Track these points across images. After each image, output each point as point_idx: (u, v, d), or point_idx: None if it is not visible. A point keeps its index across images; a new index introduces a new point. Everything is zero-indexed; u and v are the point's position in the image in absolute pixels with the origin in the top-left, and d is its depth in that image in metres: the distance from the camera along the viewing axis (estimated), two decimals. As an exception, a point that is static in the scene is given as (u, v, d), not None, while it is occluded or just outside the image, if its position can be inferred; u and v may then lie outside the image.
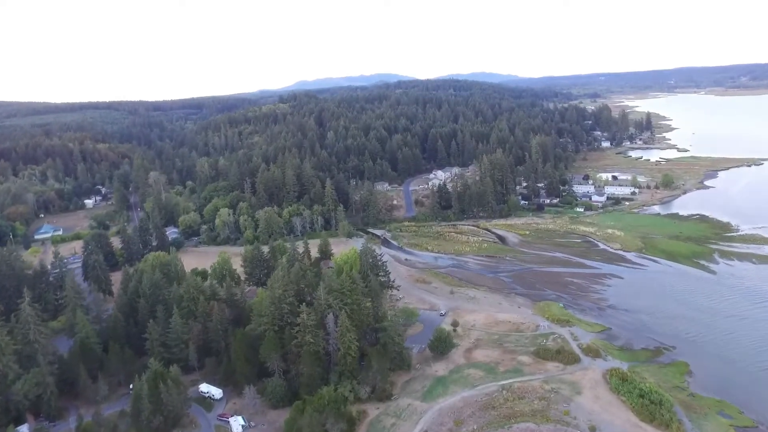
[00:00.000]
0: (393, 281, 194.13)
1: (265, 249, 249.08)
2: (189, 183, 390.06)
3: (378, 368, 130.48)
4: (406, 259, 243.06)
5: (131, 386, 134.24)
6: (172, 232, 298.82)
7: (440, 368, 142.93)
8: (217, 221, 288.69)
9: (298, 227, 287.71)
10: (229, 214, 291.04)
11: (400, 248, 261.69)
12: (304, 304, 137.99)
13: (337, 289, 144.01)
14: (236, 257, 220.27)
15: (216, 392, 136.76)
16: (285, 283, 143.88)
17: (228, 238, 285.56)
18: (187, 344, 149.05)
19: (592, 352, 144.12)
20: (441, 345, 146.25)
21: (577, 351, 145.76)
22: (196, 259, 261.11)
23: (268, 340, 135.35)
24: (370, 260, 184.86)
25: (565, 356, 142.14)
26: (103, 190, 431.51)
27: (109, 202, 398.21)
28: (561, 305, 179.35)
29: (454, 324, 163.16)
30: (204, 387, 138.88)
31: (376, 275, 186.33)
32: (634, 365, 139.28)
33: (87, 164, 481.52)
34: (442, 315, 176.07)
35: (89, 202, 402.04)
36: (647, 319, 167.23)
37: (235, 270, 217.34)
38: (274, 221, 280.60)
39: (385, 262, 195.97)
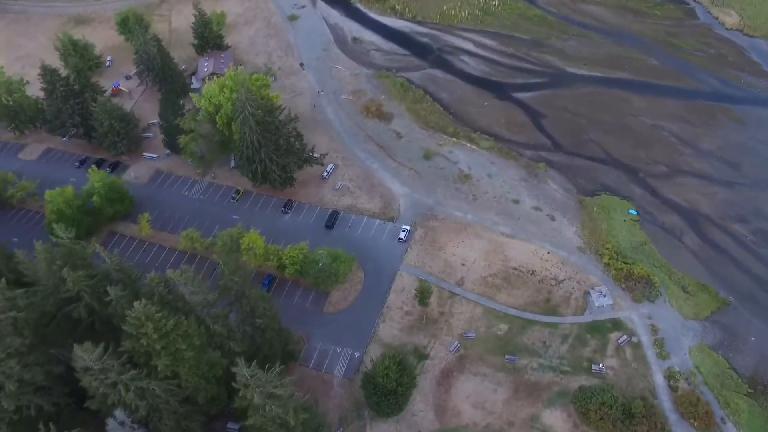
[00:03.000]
0: (312, 149, 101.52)
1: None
2: None
3: None
4: (354, 39, 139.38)
5: None
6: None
7: (384, 447, 70.47)
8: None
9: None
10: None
11: (347, 3, 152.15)
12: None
13: (134, 324, 58.68)
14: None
15: None
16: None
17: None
18: None
19: (700, 417, 69.25)
20: (386, 403, 69.54)
21: (666, 404, 70.77)
22: (15, 36, 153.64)
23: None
24: (257, 117, 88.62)
25: (641, 428, 68.29)
26: None
27: None
28: (632, 212, 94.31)
29: (423, 292, 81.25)
30: None
31: (274, 144, 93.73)
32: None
33: None
34: (402, 240, 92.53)
35: None
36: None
37: (38, 99, 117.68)
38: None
39: (296, 116, 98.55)
